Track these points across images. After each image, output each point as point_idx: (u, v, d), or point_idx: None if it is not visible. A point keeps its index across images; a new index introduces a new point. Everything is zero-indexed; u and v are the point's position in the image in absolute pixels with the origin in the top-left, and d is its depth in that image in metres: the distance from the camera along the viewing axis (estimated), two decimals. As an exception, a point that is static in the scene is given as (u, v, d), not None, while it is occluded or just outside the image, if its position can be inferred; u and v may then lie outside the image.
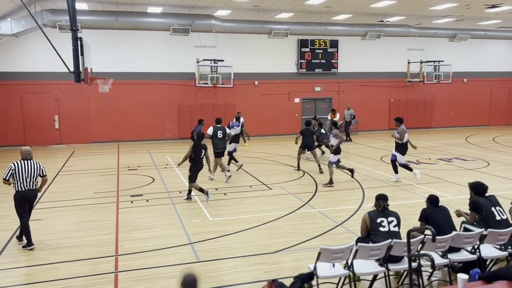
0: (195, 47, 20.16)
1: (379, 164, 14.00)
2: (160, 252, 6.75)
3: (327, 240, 7.16)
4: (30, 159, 7.15)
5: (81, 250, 6.86)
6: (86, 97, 19.30)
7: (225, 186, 11.14)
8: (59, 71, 16.33)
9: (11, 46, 18.24)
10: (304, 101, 22.53)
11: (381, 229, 5.34)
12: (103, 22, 17.55)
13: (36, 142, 18.79)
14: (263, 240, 7.23)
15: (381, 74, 23.44)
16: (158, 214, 8.88)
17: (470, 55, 24.90)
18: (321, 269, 4.97)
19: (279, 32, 20.21)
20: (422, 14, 19.33)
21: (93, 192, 10.76)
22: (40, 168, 7.18)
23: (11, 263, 6.39)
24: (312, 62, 22.05)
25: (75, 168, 13.93)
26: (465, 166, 13.46)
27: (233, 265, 6.27)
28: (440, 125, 24.89)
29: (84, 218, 8.63)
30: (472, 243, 5.49)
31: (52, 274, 6.00)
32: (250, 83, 21.45)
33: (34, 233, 7.71)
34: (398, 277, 5.78)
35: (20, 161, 7.04)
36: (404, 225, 5.81)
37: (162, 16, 18.13)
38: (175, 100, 20.47)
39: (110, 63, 19.08)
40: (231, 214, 8.84)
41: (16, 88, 18.47)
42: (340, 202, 9.70)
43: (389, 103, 23.76)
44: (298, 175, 12.53)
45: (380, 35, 21.60)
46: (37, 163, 7.18)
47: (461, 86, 24.88)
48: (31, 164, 7.07)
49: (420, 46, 23.58)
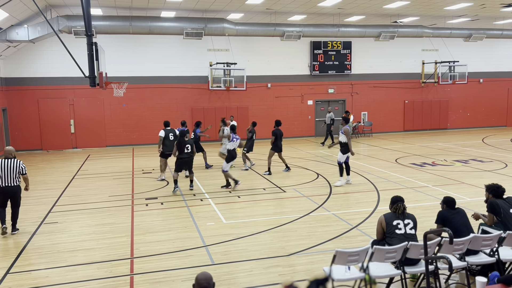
0: (208, 50, 20.27)
1: (394, 166, 13.86)
2: (175, 255, 6.78)
3: (342, 243, 7.11)
4: (11, 158, 7.78)
5: (97, 253, 6.93)
6: (101, 102, 19.54)
7: (239, 189, 11.14)
8: (75, 76, 16.64)
9: (28, 52, 18.57)
10: (317, 103, 22.45)
11: (397, 232, 5.28)
12: (117, 27, 17.77)
13: (53, 146, 19.09)
14: (278, 243, 7.21)
15: (395, 75, 23.24)
16: (172, 217, 8.93)
17: (486, 55, 24.53)
18: (336, 272, 4.94)
19: (292, 35, 20.20)
20: (437, 14, 19.13)
21: (108, 195, 10.87)
22: (20, 166, 7.78)
23: (29, 266, 6.49)
24: (325, 64, 21.98)
25: (91, 172, 14.10)
26: (482, 168, 13.25)
27: (248, 267, 6.27)
28: (456, 126, 24.55)
29: (100, 221, 8.72)
30: (491, 245, 5.39)
31: (69, 276, 6.07)
32: (263, 85, 21.47)
33: (51, 236, 7.83)
34: (414, 280, 5.71)
35: (2, 160, 7.68)
36: (420, 227, 5.74)
37: (175, 20, 18.28)
38: (189, 104, 20.60)
39: (125, 67, 19.29)
40: (245, 216, 8.84)
41: (33, 93, 18.79)
42: (355, 204, 9.62)
43: (404, 105, 23.53)
44: (312, 177, 12.47)
45: (393, 36, 21.43)
46: (18, 161, 7.78)
47: (477, 86, 24.52)
48: (12, 162, 7.69)
49: (435, 46, 23.33)
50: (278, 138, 12.88)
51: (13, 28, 15.79)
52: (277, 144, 12.90)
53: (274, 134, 12.91)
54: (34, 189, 11.78)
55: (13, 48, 17.77)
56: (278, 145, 12.89)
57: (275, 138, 12.87)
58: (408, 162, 14.54)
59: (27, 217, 8.99)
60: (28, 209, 9.67)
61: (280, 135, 12.93)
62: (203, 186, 11.58)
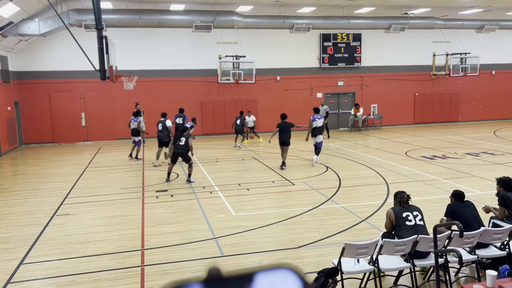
0: (217, 43, 20.25)
1: (403, 159, 13.79)
2: (185, 247, 6.84)
3: (351, 236, 7.12)
4: None
5: (109, 244, 7.03)
6: (111, 95, 19.66)
7: (248, 181, 11.19)
8: (85, 69, 16.74)
9: (39, 46, 18.73)
10: (327, 95, 22.36)
11: (408, 223, 5.28)
12: (127, 20, 17.83)
13: (64, 139, 19.30)
14: (287, 235, 7.25)
15: (405, 67, 23.03)
16: (182, 209, 9.01)
17: (499, 47, 24.16)
18: (345, 265, 4.96)
19: (301, 27, 20.09)
20: (448, 5, 18.87)
21: (119, 187, 10.99)
22: None
23: (42, 257, 6.60)
24: (335, 57, 21.84)
25: (102, 164, 14.24)
26: (493, 161, 13.13)
27: (257, 259, 6.31)
28: (467, 119, 24.30)
29: (111, 213, 8.83)
30: (502, 239, 5.36)
31: (81, 267, 6.17)
32: (272, 78, 21.42)
33: (64, 227, 7.95)
34: (424, 273, 5.71)
35: None
36: (429, 220, 5.73)
37: (185, 13, 18.28)
38: (198, 97, 20.64)
39: (134, 60, 19.37)
40: (254, 209, 8.89)
41: (45, 87, 18.97)
42: (364, 197, 9.61)
43: (414, 97, 23.34)
44: (321, 170, 12.47)
45: (404, 28, 21.21)
46: None
47: (489, 78, 24.20)
48: None
49: (446, 38, 23.04)
50: (282, 130, 12.53)
51: (24, 22, 15.93)
52: (280, 137, 12.58)
53: (277, 126, 12.59)
54: (46, 182, 11.96)
55: (24, 42, 17.93)
56: (280, 138, 12.55)
57: (279, 131, 12.54)
58: (418, 155, 14.46)
59: (40, 209, 9.14)
60: (41, 201, 9.82)
61: (284, 127, 12.51)
62: (213, 179, 11.65)
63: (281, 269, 0.64)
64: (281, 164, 12.78)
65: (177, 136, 11.23)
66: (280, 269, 0.64)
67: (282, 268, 0.64)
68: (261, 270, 0.63)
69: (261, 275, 0.62)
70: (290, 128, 12.48)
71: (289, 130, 12.48)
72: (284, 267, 0.64)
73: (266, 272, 0.63)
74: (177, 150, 11.08)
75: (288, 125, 12.51)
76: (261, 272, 0.63)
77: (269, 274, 0.63)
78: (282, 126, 12.48)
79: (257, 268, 0.63)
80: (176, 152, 11.10)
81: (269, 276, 0.63)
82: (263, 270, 0.63)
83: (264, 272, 0.63)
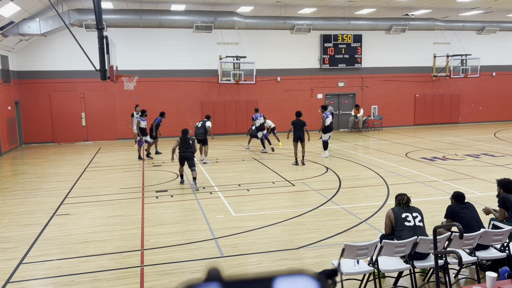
0: (218, 44, 20.25)
1: (404, 160, 13.79)
2: (185, 247, 6.84)
3: (351, 237, 7.11)
4: None
5: (108, 244, 7.03)
6: (112, 95, 19.66)
7: (248, 182, 11.19)
8: (86, 69, 16.76)
9: (39, 46, 18.73)
10: (327, 96, 22.36)
11: (407, 224, 5.28)
12: (127, 20, 17.84)
13: (64, 139, 19.29)
14: (287, 236, 7.24)
15: (406, 68, 23.03)
16: (182, 209, 9.01)
17: (500, 48, 24.16)
18: (345, 266, 4.96)
19: (302, 28, 20.09)
20: (449, 7, 18.88)
21: (119, 187, 10.99)
22: None
23: (42, 256, 6.60)
24: (335, 57, 21.84)
25: (102, 164, 14.24)
26: (493, 162, 13.13)
27: (257, 260, 6.31)
28: (468, 121, 24.29)
29: (111, 213, 8.83)
30: (501, 240, 5.36)
31: (81, 267, 6.17)
32: (273, 79, 21.42)
33: (64, 227, 7.95)
34: (424, 274, 5.71)
35: None
36: (429, 222, 5.73)
37: (185, 13, 18.29)
38: (198, 97, 20.64)
39: (135, 61, 19.37)
40: (254, 210, 8.88)
41: (45, 87, 18.97)
42: (364, 198, 9.61)
43: (415, 98, 23.33)
44: (321, 171, 12.47)
45: (405, 29, 21.21)
46: None
47: (489, 80, 24.21)
48: None
49: (447, 39, 23.04)
50: (296, 127, 13.08)
51: (25, 22, 15.93)
52: (295, 134, 13.14)
53: (292, 124, 13.23)
54: (46, 181, 11.96)
55: (25, 41, 17.94)
56: (295, 134, 13.11)
57: (294, 128, 13.14)
58: (418, 156, 14.46)
59: (40, 209, 9.14)
60: (40, 200, 9.82)
61: (298, 124, 13.08)
62: (213, 179, 11.65)
63: (301, 275, 0.64)
64: (301, 160, 13.28)
65: (185, 139, 10.98)
66: (300, 275, 0.64)
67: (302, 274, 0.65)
68: (280, 275, 0.64)
69: (281, 280, 0.63)
70: (303, 126, 13.04)
71: (302, 127, 13.03)
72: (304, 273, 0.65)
73: (286, 277, 0.64)
74: (183, 153, 10.86)
75: (302, 122, 13.11)
76: (280, 276, 0.63)
77: (289, 279, 0.63)
78: (296, 124, 13.12)
79: (277, 273, 0.64)
80: (182, 156, 10.89)
81: (289, 281, 0.63)
82: (282, 275, 0.64)
83: (284, 277, 0.63)
